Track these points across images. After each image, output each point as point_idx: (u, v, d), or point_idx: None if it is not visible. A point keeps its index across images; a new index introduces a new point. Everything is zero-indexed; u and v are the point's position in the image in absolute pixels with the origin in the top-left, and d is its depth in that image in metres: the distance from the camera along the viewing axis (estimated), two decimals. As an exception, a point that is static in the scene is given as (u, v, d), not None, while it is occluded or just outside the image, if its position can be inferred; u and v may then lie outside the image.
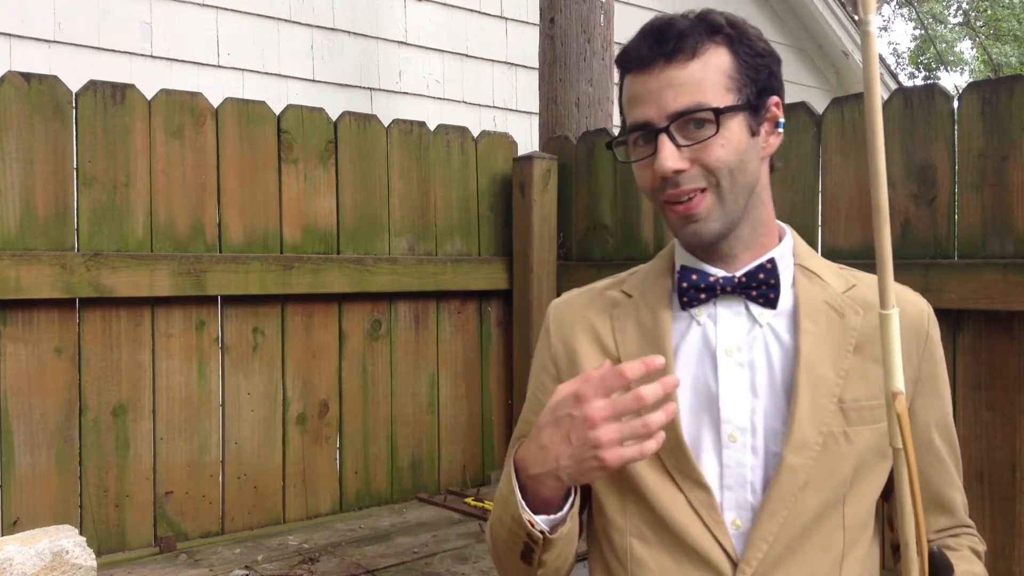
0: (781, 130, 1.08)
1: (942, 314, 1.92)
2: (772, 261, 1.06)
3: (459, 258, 2.84)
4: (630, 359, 1.07)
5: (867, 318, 1.06)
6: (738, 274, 1.06)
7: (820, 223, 2.16)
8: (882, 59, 5.93)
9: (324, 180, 2.58)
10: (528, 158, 2.87)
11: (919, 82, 15.81)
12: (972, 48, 17.10)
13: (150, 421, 2.30)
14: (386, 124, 2.73)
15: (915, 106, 1.97)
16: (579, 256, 2.84)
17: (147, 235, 2.27)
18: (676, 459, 1.03)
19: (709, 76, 1.00)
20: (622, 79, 1.07)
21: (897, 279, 2.13)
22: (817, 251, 2.14)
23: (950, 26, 16.73)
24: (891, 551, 1.16)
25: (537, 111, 3.22)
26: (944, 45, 16.44)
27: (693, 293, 1.06)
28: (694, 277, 1.06)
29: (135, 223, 2.26)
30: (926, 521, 1.08)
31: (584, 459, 0.91)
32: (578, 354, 1.12)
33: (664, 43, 1.00)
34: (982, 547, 1.13)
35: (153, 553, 2.25)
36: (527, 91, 4.10)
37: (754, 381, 1.04)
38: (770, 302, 1.05)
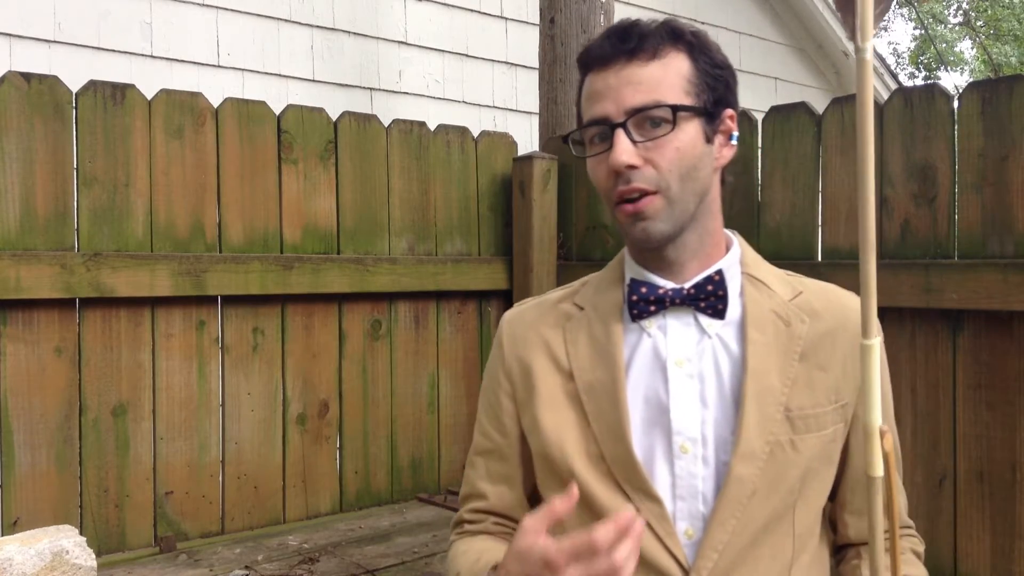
0: (735, 143, 1.10)
1: (942, 314, 1.93)
2: (720, 273, 1.07)
3: (459, 258, 2.84)
4: (582, 372, 1.09)
5: (812, 326, 1.07)
6: (687, 286, 1.07)
7: (820, 223, 2.16)
8: (882, 59, 5.92)
9: (324, 180, 2.58)
10: (528, 158, 2.87)
11: (919, 82, 15.81)
12: (972, 48, 17.10)
13: (150, 421, 2.30)
14: (386, 124, 2.73)
15: (915, 106, 1.97)
16: (579, 256, 2.84)
17: (147, 235, 2.27)
18: (627, 473, 1.04)
19: (668, 77, 1.02)
20: (583, 79, 1.08)
21: (897, 279, 2.12)
22: (817, 251, 2.16)
23: (950, 26, 16.73)
24: (831, 552, 1.17)
25: (537, 111, 3.23)
26: (944, 45, 16.43)
27: (643, 306, 1.07)
28: (643, 290, 1.07)
29: (135, 223, 2.26)
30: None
31: None
32: (532, 369, 1.13)
33: (626, 41, 1.02)
34: (921, 547, 1.15)
35: (153, 553, 2.25)
36: (527, 91, 4.10)
37: (704, 392, 1.05)
38: (718, 313, 1.06)
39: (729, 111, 1.07)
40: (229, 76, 3.31)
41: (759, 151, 2.27)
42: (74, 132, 2.17)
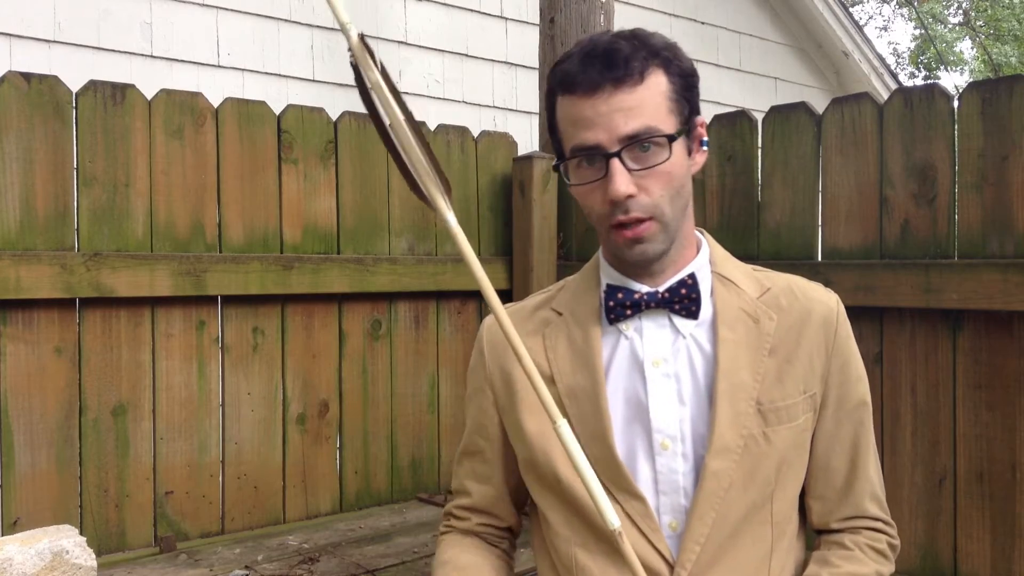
0: (706, 148, 1.12)
1: (942, 314, 1.93)
2: (692, 276, 1.11)
3: (459, 258, 2.84)
4: (563, 377, 1.12)
5: (779, 322, 1.12)
6: (661, 289, 1.10)
7: (820, 223, 2.16)
8: (882, 59, 5.93)
9: (324, 180, 2.58)
10: (528, 158, 2.87)
11: (919, 82, 15.81)
12: (972, 48, 17.10)
13: (150, 421, 2.30)
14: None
15: (915, 106, 1.97)
16: (579, 256, 2.84)
17: (147, 235, 2.27)
18: (612, 474, 1.08)
19: (654, 99, 1.03)
20: (555, 98, 1.08)
21: (897, 279, 2.12)
22: (817, 251, 2.15)
23: (950, 26, 16.73)
24: (812, 532, 1.21)
25: (537, 111, 3.23)
26: (944, 45, 16.43)
27: (619, 310, 1.11)
28: (620, 295, 1.11)
29: (135, 223, 2.26)
30: (830, 511, 1.14)
31: None
32: (513, 377, 1.17)
33: (613, 68, 1.01)
34: (885, 543, 1.16)
35: (153, 553, 2.25)
36: (527, 91, 4.10)
37: (680, 390, 1.09)
38: (692, 314, 1.10)
39: (700, 118, 1.09)
40: (229, 76, 3.31)
41: (759, 151, 2.27)
42: (74, 132, 2.17)
